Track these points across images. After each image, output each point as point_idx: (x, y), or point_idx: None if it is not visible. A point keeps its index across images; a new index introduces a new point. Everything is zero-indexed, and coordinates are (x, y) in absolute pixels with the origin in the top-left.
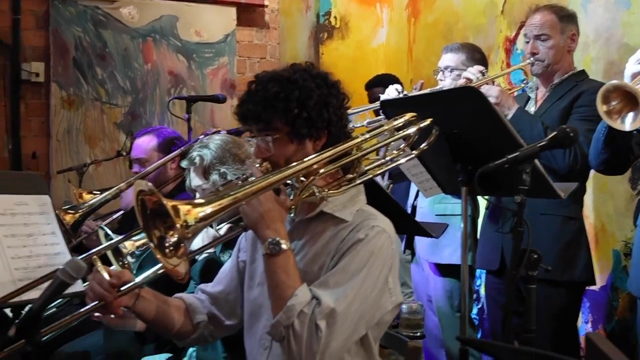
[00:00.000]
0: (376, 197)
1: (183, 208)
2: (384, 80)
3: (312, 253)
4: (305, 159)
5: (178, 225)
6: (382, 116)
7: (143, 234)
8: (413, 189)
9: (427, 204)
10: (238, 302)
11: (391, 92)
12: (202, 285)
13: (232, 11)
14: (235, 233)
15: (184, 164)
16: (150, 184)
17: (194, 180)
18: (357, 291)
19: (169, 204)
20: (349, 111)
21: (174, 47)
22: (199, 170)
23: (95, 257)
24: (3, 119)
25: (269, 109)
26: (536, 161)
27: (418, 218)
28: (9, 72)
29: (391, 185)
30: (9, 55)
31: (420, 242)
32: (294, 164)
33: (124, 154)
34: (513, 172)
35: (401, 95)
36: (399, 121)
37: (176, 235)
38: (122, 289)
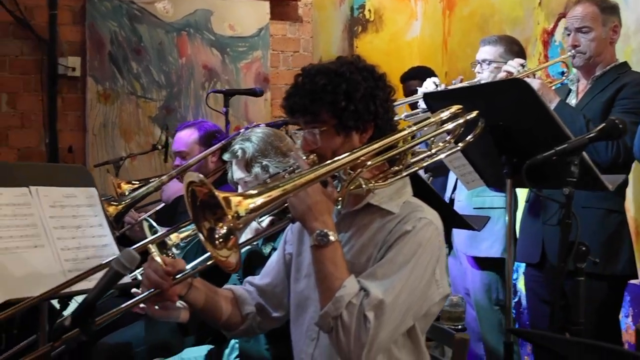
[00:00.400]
0: (418, 189)
1: (234, 199)
2: (420, 73)
3: (359, 245)
4: (353, 151)
5: (229, 217)
6: (419, 109)
7: (188, 226)
8: (450, 181)
9: (465, 197)
10: (285, 294)
11: (429, 85)
12: (250, 278)
13: (265, 5)
14: (281, 225)
15: (226, 156)
16: (201, 175)
17: (236, 172)
18: (405, 282)
19: (220, 195)
20: None
21: (208, 41)
22: (241, 163)
23: (150, 245)
24: (40, 113)
25: (316, 102)
26: (584, 153)
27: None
28: (46, 67)
29: (430, 179)
30: (46, 50)
31: (458, 235)
32: (341, 156)
33: (159, 147)
34: (561, 164)
35: (440, 88)
36: (446, 113)
37: (226, 227)
38: (177, 277)
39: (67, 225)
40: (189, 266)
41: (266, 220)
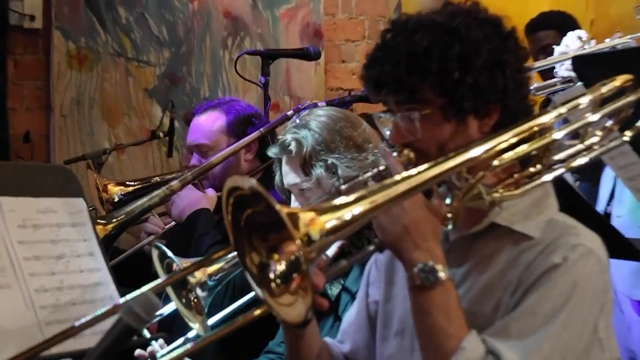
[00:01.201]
0: (563, 201)
1: (304, 216)
2: (555, 21)
3: (480, 286)
4: (470, 145)
5: (297, 242)
6: (556, 79)
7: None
8: (604, 188)
9: (629, 210)
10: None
11: (572, 42)
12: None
13: None
14: (359, 256)
15: (272, 151)
16: (253, 180)
17: (289, 175)
18: (555, 344)
19: (283, 210)
20: None
21: None
22: (295, 160)
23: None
24: None
25: (415, 72)
26: None
27: None
28: None
29: (577, 183)
30: None
31: (616, 269)
32: (453, 153)
33: (161, 135)
34: None
35: (590, 46)
36: (607, 87)
37: (291, 258)
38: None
39: (44, 255)
40: (216, 318)
41: (333, 248)
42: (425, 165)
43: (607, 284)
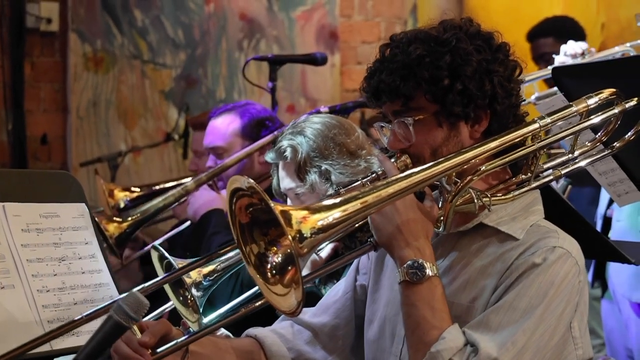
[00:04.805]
0: (547, 205)
1: (296, 214)
2: (556, 28)
3: (462, 279)
4: (461, 151)
5: (289, 238)
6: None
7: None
8: (604, 194)
9: (628, 215)
10: (348, 341)
11: (571, 51)
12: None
13: None
14: (357, 254)
15: (269, 157)
16: (251, 180)
17: (284, 180)
18: (530, 337)
19: (277, 208)
20: None
21: None
22: (290, 166)
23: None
24: (0, 85)
25: (410, 80)
26: None
27: (614, 235)
28: (8, 16)
29: (569, 188)
30: None
31: (617, 272)
32: (444, 157)
33: (176, 137)
34: None
35: (584, 58)
36: (594, 100)
37: (284, 253)
38: (161, 349)
39: (46, 258)
40: (210, 316)
41: (327, 249)
42: (416, 169)
43: (584, 286)
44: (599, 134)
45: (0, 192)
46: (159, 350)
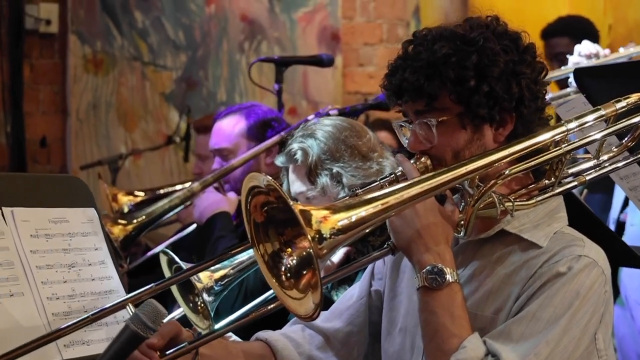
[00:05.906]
0: (569, 212)
1: (317, 213)
2: (570, 27)
3: (485, 289)
4: (484, 153)
5: (309, 237)
6: (569, 89)
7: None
8: (617, 198)
9: None
10: (362, 349)
11: (585, 51)
12: None
13: None
14: (371, 259)
15: (279, 160)
16: (269, 177)
17: (295, 183)
18: (554, 349)
19: (297, 207)
20: None
21: None
22: (301, 169)
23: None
24: None
25: (434, 79)
26: None
27: (628, 239)
28: (7, 18)
29: (584, 192)
30: None
31: (630, 277)
32: (467, 160)
33: (178, 140)
34: None
35: (601, 58)
36: (622, 104)
37: (301, 254)
38: (170, 351)
39: (56, 264)
40: (220, 323)
41: (339, 254)
42: (438, 171)
43: (609, 296)
44: (626, 139)
45: (9, 197)
46: (167, 352)
